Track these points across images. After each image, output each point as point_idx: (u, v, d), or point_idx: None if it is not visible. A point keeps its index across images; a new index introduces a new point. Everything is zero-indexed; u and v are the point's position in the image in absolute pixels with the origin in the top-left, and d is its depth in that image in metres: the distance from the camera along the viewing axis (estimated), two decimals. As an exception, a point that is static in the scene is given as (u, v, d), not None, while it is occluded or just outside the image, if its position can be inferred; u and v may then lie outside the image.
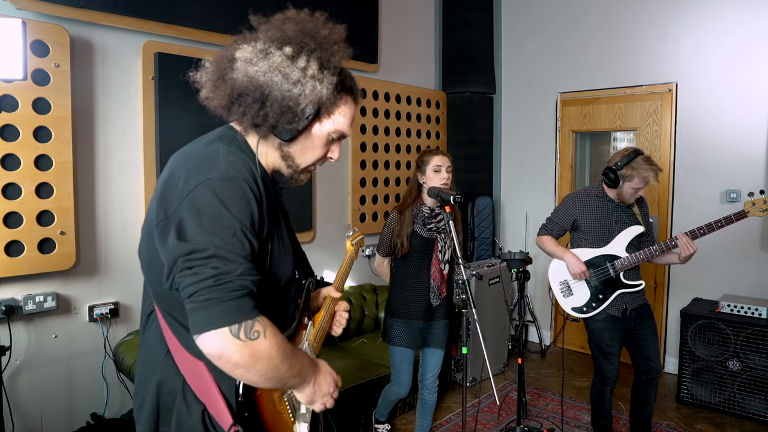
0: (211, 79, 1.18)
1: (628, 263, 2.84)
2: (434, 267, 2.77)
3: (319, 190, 4.08)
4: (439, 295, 2.79)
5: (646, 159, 2.74)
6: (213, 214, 1.03)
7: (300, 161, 1.24)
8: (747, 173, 3.98)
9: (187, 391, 1.15)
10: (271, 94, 1.12)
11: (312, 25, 1.17)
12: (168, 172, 1.14)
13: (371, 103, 4.37)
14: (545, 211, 5.04)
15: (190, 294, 1.01)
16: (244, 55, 1.14)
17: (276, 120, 1.14)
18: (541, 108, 5.09)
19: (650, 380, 2.94)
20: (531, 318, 4.94)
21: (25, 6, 2.57)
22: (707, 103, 4.16)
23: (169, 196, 1.08)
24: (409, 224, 2.75)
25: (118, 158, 2.97)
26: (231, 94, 1.14)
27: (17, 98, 2.54)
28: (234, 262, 1.02)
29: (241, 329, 1.01)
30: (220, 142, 1.16)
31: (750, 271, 3.97)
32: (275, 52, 1.13)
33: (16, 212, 2.57)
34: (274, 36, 1.15)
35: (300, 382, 1.17)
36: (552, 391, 4.03)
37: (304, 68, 1.13)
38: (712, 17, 4.11)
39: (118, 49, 2.96)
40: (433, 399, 2.98)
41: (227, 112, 1.18)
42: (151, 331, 1.22)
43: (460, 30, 5.07)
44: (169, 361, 1.17)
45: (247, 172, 1.11)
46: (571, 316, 2.96)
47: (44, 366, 2.74)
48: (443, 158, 2.81)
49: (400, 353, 2.83)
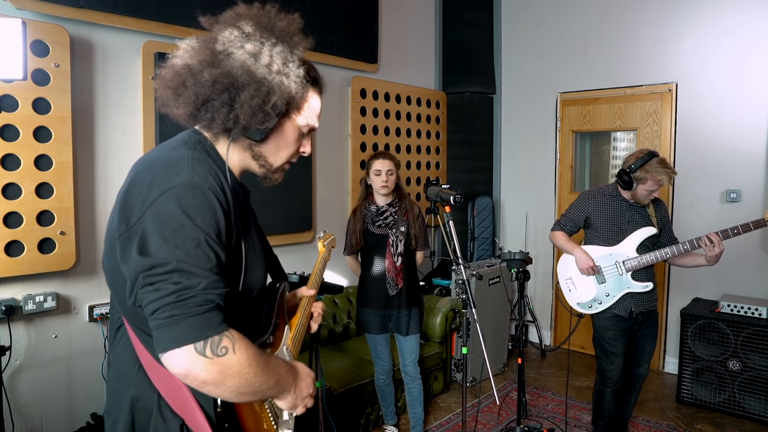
0: (171, 87, 1.11)
1: (637, 263, 2.83)
2: (388, 260, 3.00)
3: (319, 190, 4.08)
4: (395, 285, 2.99)
5: (660, 161, 2.73)
6: (176, 225, 0.98)
7: (273, 160, 1.20)
8: (747, 173, 3.98)
9: (163, 405, 1.10)
10: (239, 95, 1.07)
11: (267, 19, 1.13)
12: (129, 179, 1.09)
13: (371, 103, 4.37)
14: (545, 211, 5.07)
15: (152, 311, 0.96)
16: (203, 59, 1.08)
17: (247, 122, 1.09)
18: (541, 108, 5.09)
19: (634, 382, 2.99)
20: (531, 318, 4.94)
21: (25, 6, 2.57)
22: (707, 103, 4.16)
23: (131, 206, 1.03)
24: (359, 222, 3.04)
25: (118, 158, 2.97)
26: (196, 101, 1.08)
27: (17, 98, 2.54)
28: (197, 276, 0.97)
29: (207, 346, 0.96)
30: (184, 148, 1.11)
31: (750, 271, 3.97)
32: (236, 52, 1.08)
33: (16, 212, 2.57)
34: (233, 35, 1.09)
35: (279, 392, 1.12)
36: (552, 391, 4.03)
37: (268, 65, 1.08)
38: (712, 17, 4.11)
39: (118, 49, 2.96)
40: (419, 387, 3.13)
41: (193, 120, 1.13)
42: (121, 346, 1.16)
43: (460, 30, 5.07)
44: (142, 376, 1.11)
45: (213, 180, 1.06)
46: (576, 311, 2.97)
47: (44, 366, 2.74)
48: (384, 162, 2.99)
49: (371, 339, 3.11)
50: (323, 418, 2.11)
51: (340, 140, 4.23)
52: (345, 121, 4.24)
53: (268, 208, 3.61)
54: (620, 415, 3.07)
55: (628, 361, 2.95)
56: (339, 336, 3.83)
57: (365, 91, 4.31)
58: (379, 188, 2.99)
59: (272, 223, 3.67)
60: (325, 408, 2.60)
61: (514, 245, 5.15)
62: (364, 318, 3.10)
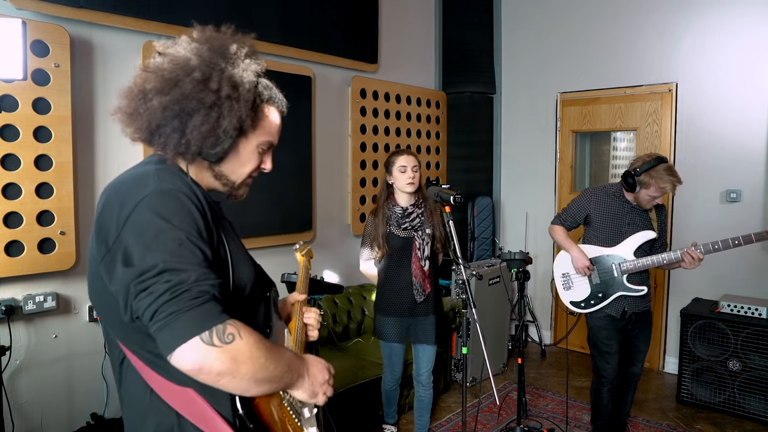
0: (126, 112, 1.13)
1: (633, 267, 2.82)
2: (415, 264, 2.83)
3: (319, 190, 4.08)
4: (422, 291, 2.84)
5: (667, 168, 2.66)
6: (155, 230, 0.99)
7: (234, 178, 1.21)
8: (747, 173, 3.98)
9: (184, 423, 1.09)
10: (189, 121, 1.08)
11: (219, 42, 1.14)
12: (101, 205, 1.10)
13: (371, 103, 4.37)
14: (545, 211, 5.07)
15: (151, 315, 0.95)
16: (154, 86, 1.09)
17: (199, 147, 1.11)
18: (541, 108, 5.09)
19: (629, 381, 2.99)
20: (531, 318, 4.94)
21: (25, 6, 2.57)
22: (707, 103, 4.16)
23: (106, 228, 1.03)
24: (382, 226, 2.83)
25: (118, 158, 2.97)
26: (149, 127, 1.10)
27: (17, 98, 2.54)
28: (186, 271, 0.97)
29: (213, 335, 0.95)
30: (149, 164, 1.13)
31: (750, 271, 3.97)
32: (185, 80, 1.09)
33: (16, 212, 2.57)
34: (181, 61, 1.11)
35: (294, 378, 1.12)
36: (552, 391, 4.03)
37: (217, 90, 1.09)
38: (712, 17, 4.11)
39: (118, 49, 2.96)
40: (429, 396, 3.03)
41: (149, 143, 1.14)
42: (128, 380, 1.15)
43: (460, 30, 5.07)
44: (157, 401, 1.10)
45: (183, 185, 1.08)
46: (569, 309, 2.97)
47: (44, 366, 2.74)
48: (408, 158, 2.87)
49: (388, 347, 2.94)
50: (323, 418, 2.11)
51: (340, 140, 4.23)
52: (345, 121, 4.24)
53: (268, 208, 3.61)
54: (618, 414, 3.08)
55: (622, 360, 2.96)
56: (339, 336, 3.83)
57: (365, 91, 4.31)
58: (405, 186, 2.83)
59: (272, 223, 3.67)
60: (325, 408, 2.60)
61: (514, 245, 5.16)
62: (383, 326, 2.90)
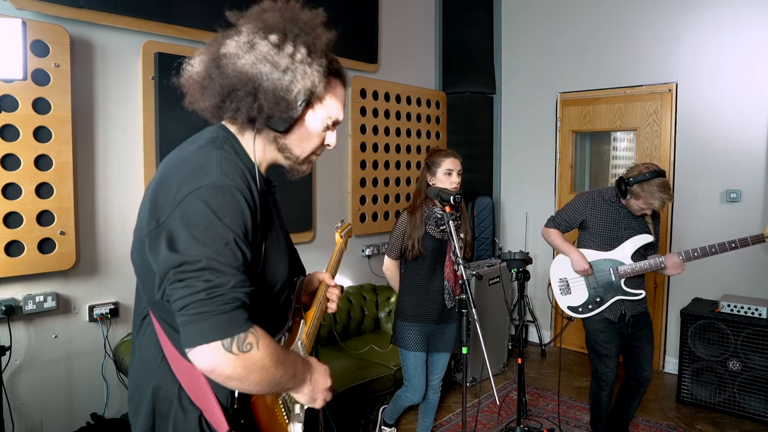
0: (198, 80, 1.16)
1: (631, 271, 2.82)
2: (448, 268, 2.72)
3: (319, 190, 4.08)
4: (453, 296, 2.73)
5: (660, 185, 2.64)
6: (205, 224, 1.01)
7: (298, 152, 1.22)
8: (747, 173, 3.98)
9: (183, 396, 1.14)
10: (263, 85, 1.10)
11: (291, 12, 1.15)
12: (159, 177, 1.12)
13: (371, 103, 4.37)
14: (545, 211, 5.06)
15: (181, 307, 0.99)
16: (229, 51, 1.12)
17: (271, 110, 1.12)
18: (541, 108, 5.09)
19: (638, 386, 2.95)
20: (531, 318, 4.93)
21: (25, 6, 2.57)
22: (707, 103, 4.16)
23: (161, 204, 1.06)
24: (420, 226, 2.69)
25: (118, 158, 2.97)
26: (221, 92, 1.12)
27: (17, 98, 2.54)
28: (227, 274, 1.00)
29: (233, 343, 1.00)
30: (212, 146, 1.14)
31: (750, 271, 3.97)
32: (260, 42, 1.11)
33: (16, 212, 2.57)
34: (257, 27, 1.12)
35: (297, 384, 1.17)
36: (552, 391, 4.03)
37: (291, 54, 1.11)
38: (712, 17, 4.11)
39: (118, 49, 2.96)
40: (437, 399, 3.00)
41: (218, 111, 1.16)
42: (146, 336, 1.20)
43: (460, 29, 5.06)
44: (165, 367, 1.15)
45: (241, 179, 1.09)
46: (566, 314, 2.96)
47: (44, 366, 2.74)
48: (455, 161, 2.75)
49: (414, 357, 2.76)
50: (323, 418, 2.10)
51: (340, 140, 4.19)
52: (345, 121, 4.24)
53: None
54: (622, 416, 3.05)
55: (630, 366, 2.93)
56: (339, 336, 3.83)
57: (365, 91, 4.31)
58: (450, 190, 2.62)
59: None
60: (325, 408, 2.59)
61: (514, 245, 5.16)
62: (406, 333, 2.74)
